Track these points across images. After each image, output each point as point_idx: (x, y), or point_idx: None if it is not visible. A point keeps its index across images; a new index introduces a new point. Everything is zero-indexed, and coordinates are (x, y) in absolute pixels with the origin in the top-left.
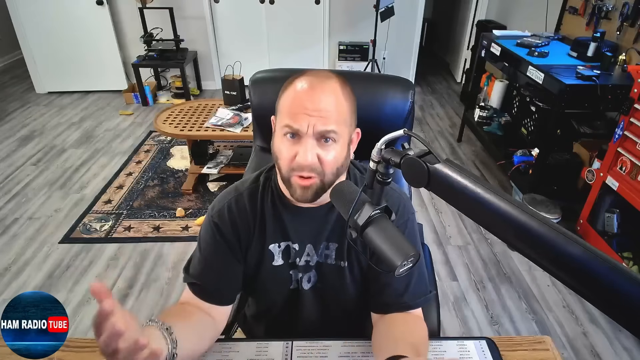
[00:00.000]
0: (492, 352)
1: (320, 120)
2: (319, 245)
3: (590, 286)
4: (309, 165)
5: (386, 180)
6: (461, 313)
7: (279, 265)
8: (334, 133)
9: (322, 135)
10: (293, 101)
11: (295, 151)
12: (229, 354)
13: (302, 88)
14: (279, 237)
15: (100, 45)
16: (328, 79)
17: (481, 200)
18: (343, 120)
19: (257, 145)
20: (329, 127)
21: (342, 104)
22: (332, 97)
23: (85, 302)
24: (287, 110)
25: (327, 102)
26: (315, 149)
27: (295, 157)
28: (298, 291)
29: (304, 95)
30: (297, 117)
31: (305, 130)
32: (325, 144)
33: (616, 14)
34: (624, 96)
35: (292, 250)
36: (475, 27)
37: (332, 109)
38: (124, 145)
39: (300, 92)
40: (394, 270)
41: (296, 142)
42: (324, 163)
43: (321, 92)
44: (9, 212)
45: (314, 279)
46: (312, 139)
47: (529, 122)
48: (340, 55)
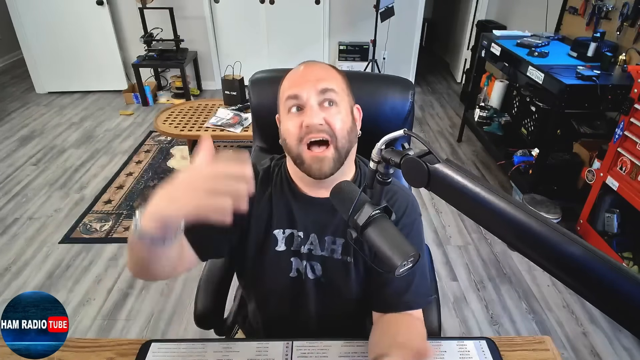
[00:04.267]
0: (492, 352)
1: (318, 81)
2: (323, 237)
3: (590, 286)
4: (316, 125)
5: (386, 180)
6: (461, 313)
7: (281, 251)
8: (334, 92)
9: (323, 93)
10: (291, 79)
11: (302, 120)
12: (229, 354)
13: (294, 70)
14: (284, 224)
15: (100, 46)
16: (318, 62)
17: (481, 200)
18: (340, 84)
19: (256, 145)
20: (327, 85)
21: (336, 74)
22: (326, 68)
23: (85, 302)
24: (287, 86)
25: (322, 70)
26: (320, 113)
27: (302, 125)
28: (301, 281)
29: (300, 71)
30: (296, 85)
31: (306, 94)
32: (329, 107)
33: (616, 14)
34: (624, 96)
35: (297, 238)
36: (475, 27)
37: (327, 73)
38: (124, 145)
39: (297, 71)
40: (394, 270)
41: (301, 114)
42: (332, 125)
43: (316, 66)
44: (9, 212)
45: (319, 272)
46: (314, 100)
47: (529, 122)
48: (340, 55)
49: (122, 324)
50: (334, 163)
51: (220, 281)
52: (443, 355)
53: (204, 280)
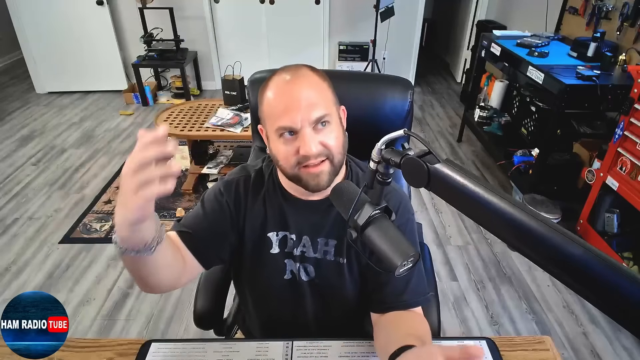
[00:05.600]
0: (492, 352)
1: (311, 108)
2: (316, 239)
3: (590, 286)
4: (315, 154)
5: (386, 180)
6: (461, 313)
7: (275, 253)
8: (327, 116)
9: (317, 122)
10: (276, 102)
11: (297, 146)
12: (229, 354)
13: (278, 87)
14: (277, 226)
15: (100, 45)
16: (298, 69)
17: (481, 200)
18: (329, 100)
19: (256, 145)
20: (321, 113)
21: (322, 86)
22: (312, 83)
23: (85, 302)
24: (274, 113)
25: (309, 89)
26: (315, 137)
27: (299, 151)
28: (295, 283)
29: (284, 92)
30: (287, 115)
31: (299, 124)
32: (322, 128)
33: (616, 14)
34: (624, 96)
35: (290, 241)
36: (475, 27)
37: (315, 94)
38: (124, 145)
39: (281, 90)
40: (394, 270)
41: (294, 139)
42: (328, 145)
43: (300, 82)
44: (9, 212)
45: (312, 274)
46: (309, 128)
47: (529, 122)
48: (340, 56)
49: (122, 324)
50: (329, 176)
51: (220, 281)
52: None
53: (203, 281)
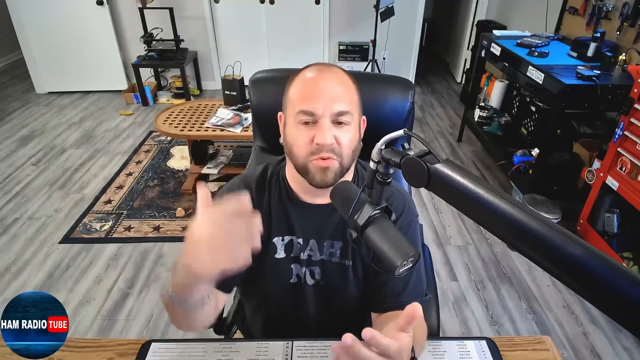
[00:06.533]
0: (492, 352)
1: (334, 101)
2: (322, 242)
3: (590, 286)
4: (328, 146)
5: (386, 180)
6: (461, 313)
7: (280, 258)
8: (348, 114)
9: (337, 115)
10: (304, 87)
11: (312, 135)
12: (229, 354)
13: (311, 75)
14: (283, 231)
15: (100, 45)
16: (331, 66)
17: (481, 200)
18: (353, 101)
19: (257, 145)
20: (343, 108)
21: (350, 86)
22: (341, 80)
23: (85, 302)
24: (300, 97)
25: (338, 84)
26: (332, 130)
27: (313, 140)
28: (300, 286)
29: (314, 80)
30: (311, 100)
31: (321, 112)
32: (340, 126)
33: (616, 14)
34: (624, 96)
35: (297, 245)
36: (475, 27)
37: (342, 89)
38: (124, 146)
39: (310, 78)
40: (394, 270)
41: (312, 127)
42: (342, 144)
43: (331, 75)
44: (9, 212)
45: (318, 276)
46: (328, 119)
47: (529, 122)
48: (341, 56)
49: (122, 324)
50: (336, 175)
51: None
52: (443, 355)
53: None
